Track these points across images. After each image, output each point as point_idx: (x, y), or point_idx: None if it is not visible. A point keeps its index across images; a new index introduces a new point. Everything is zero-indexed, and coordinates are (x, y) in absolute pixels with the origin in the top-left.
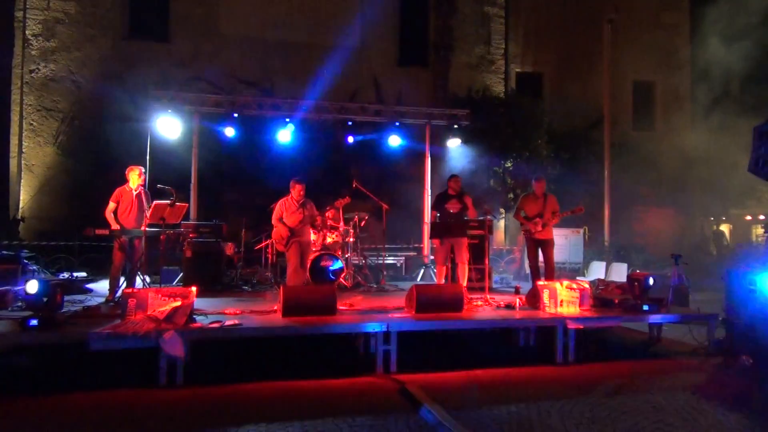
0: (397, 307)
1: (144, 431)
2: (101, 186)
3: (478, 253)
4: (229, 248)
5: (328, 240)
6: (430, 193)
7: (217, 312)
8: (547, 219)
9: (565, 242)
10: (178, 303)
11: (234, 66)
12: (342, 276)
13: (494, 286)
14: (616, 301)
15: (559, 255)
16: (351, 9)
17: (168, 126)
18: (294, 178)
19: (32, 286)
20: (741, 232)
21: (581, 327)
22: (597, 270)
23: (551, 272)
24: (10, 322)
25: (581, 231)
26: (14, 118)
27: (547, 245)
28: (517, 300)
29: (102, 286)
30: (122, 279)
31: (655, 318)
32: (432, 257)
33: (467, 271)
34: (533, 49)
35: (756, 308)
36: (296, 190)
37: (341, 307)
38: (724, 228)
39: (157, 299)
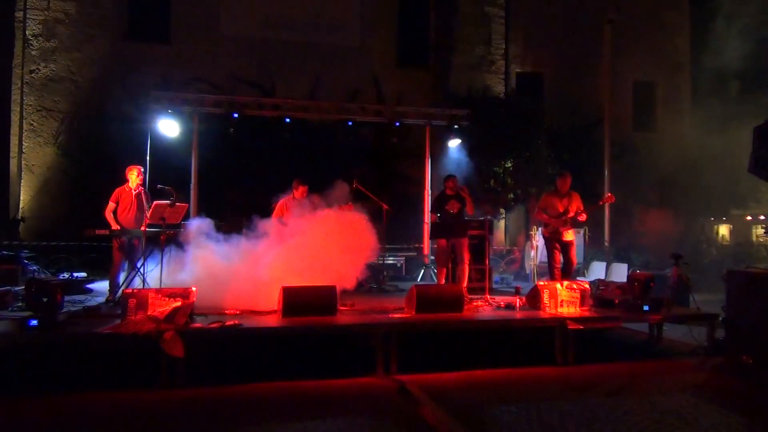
0: (397, 307)
1: (144, 431)
2: (101, 186)
3: (478, 253)
4: None
5: None
6: (430, 194)
7: (217, 312)
8: (570, 218)
9: None
10: (179, 303)
11: (234, 66)
12: None
13: (494, 286)
14: (617, 301)
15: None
16: (351, 9)
17: (168, 126)
18: (297, 178)
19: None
20: (741, 233)
21: (581, 327)
22: (597, 270)
23: (571, 270)
24: (10, 322)
25: (581, 231)
26: (14, 118)
27: (568, 246)
28: (517, 300)
29: (102, 286)
30: (122, 279)
31: (655, 318)
32: (432, 257)
33: (467, 271)
34: (533, 49)
35: (756, 308)
36: (300, 191)
37: (341, 308)
38: (724, 228)
39: (157, 299)
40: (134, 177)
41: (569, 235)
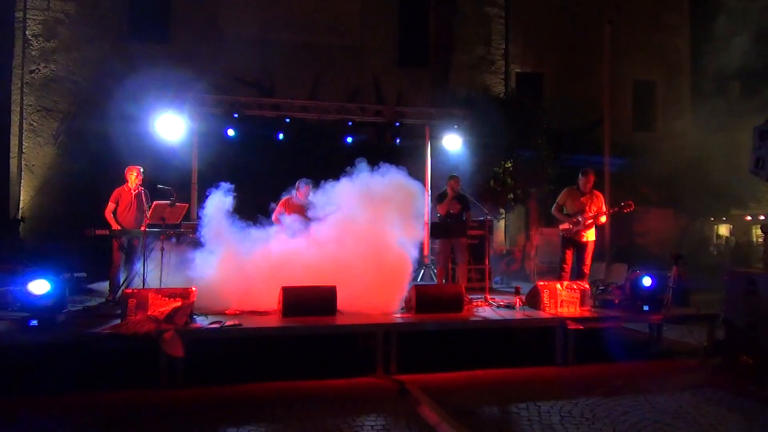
0: (397, 307)
1: (144, 431)
2: (101, 186)
3: (478, 253)
4: None
5: None
6: (429, 194)
7: (217, 312)
8: (587, 218)
9: None
10: (179, 303)
11: (234, 66)
12: None
13: (494, 286)
14: (616, 301)
15: (558, 255)
16: (351, 9)
17: (168, 126)
18: (302, 178)
19: (38, 287)
20: (741, 233)
21: (581, 327)
22: (597, 270)
23: (582, 276)
24: (10, 322)
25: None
26: (14, 118)
27: (584, 248)
28: (517, 300)
29: (102, 286)
30: (122, 279)
31: (655, 318)
32: (432, 257)
33: (467, 272)
34: (533, 49)
35: (756, 308)
36: (303, 192)
37: (341, 308)
38: (724, 228)
39: (157, 299)
40: (134, 177)
41: (589, 236)
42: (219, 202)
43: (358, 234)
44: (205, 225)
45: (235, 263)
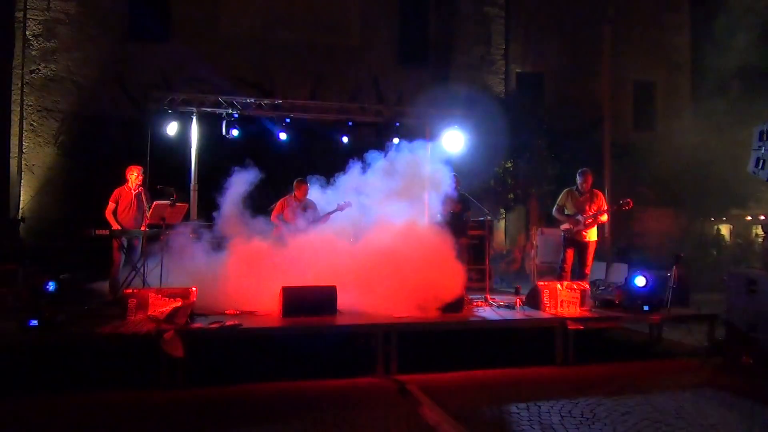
0: None
1: (144, 431)
2: (101, 186)
3: (479, 253)
4: None
5: None
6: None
7: (217, 312)
8: (587, 217)
9: None
10: (179, 303)
11: (234, 66)
12: None
13: (494, 286)
14: (616, 301)
15: (558, 255)
16: (351, 9)
17: (168, 126)
18: (298, 178)
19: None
20: (741, 233)
21: (581, 327)
22: (597, 270)
23: (583, 277)
24: (10, 322)
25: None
26: (14, 118)
27: (586, 248)
28: (517, 300)
29: (102, 286)
30: (122, 279)
31: (655, 318)
32: None
33: (467, 272)
34: (533, 49)
35: (756, 308)
36: (300, 191)
37: (341, 308)
38: (724, 228)
39: (157, 299)
40: (134, 177)
41: (590, 236)
42: (238, 188)
43: (371, 228)
44: (223, 216)
45: (236, 263)
